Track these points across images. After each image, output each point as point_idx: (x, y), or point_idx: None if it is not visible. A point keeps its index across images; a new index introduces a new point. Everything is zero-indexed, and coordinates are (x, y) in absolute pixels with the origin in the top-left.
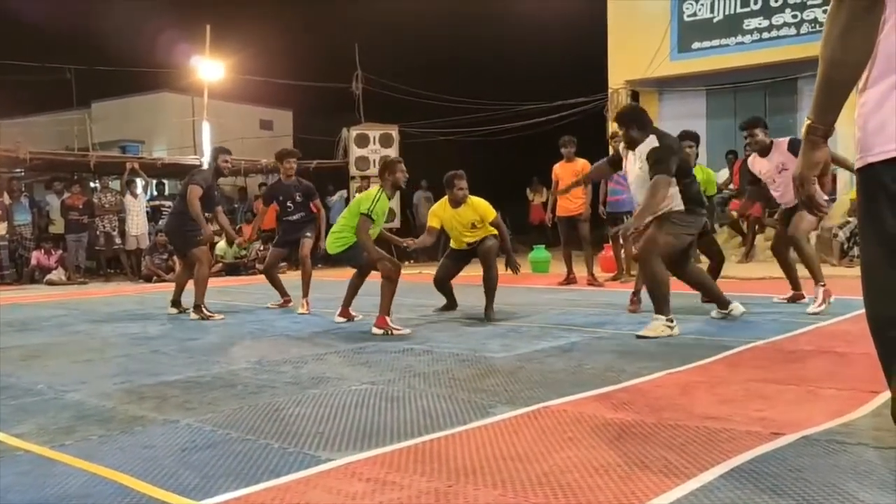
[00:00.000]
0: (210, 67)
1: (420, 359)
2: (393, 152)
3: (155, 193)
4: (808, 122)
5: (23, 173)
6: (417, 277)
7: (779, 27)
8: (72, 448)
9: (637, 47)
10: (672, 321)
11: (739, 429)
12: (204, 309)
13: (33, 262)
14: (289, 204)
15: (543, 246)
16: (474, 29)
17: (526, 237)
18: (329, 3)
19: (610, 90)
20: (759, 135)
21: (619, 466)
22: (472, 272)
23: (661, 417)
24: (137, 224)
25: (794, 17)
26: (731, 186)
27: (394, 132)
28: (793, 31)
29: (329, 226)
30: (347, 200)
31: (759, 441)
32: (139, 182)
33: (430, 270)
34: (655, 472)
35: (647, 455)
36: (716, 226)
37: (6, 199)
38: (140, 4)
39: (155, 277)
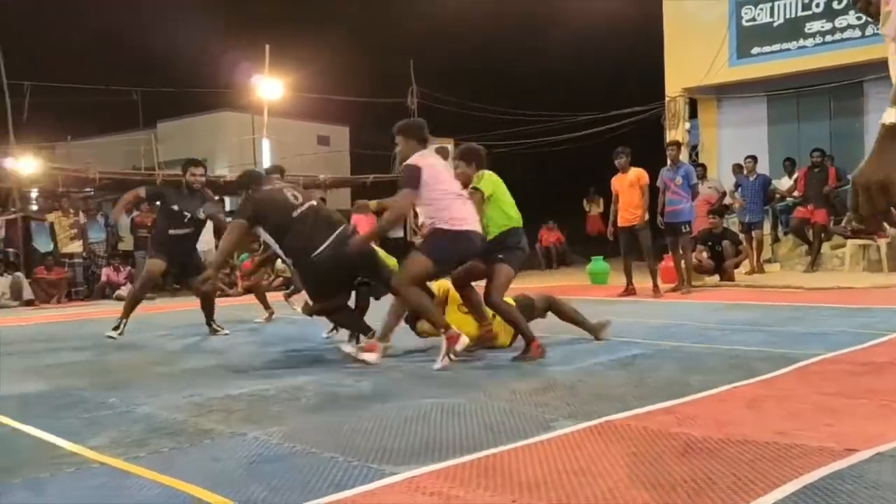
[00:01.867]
0: (269, 86)
1: (479, 372)
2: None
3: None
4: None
5: (92, 192)
6: None
7: (842, 29)
8: (145, 460)
9: (694, 54)
10: None
11: (810, 444)
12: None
13: (104, 278)
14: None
15: (602, 257)
16: (527, 41)
17: (583, 248)
18: (384, 20)
19: (667, 98)
20: None
21: (686, 483)
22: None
23: (728, 432)
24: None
25: (859, 18)
26: (796, 194)
27: (449, 145)
28: (857, 32)
29: (393, 239)
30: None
31: (831, 457)
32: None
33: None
34: (724, 489)
35: (715, 471)
36: (780, 234)
37: (81, 217)
38: (202, 28)
39: (218, 292)
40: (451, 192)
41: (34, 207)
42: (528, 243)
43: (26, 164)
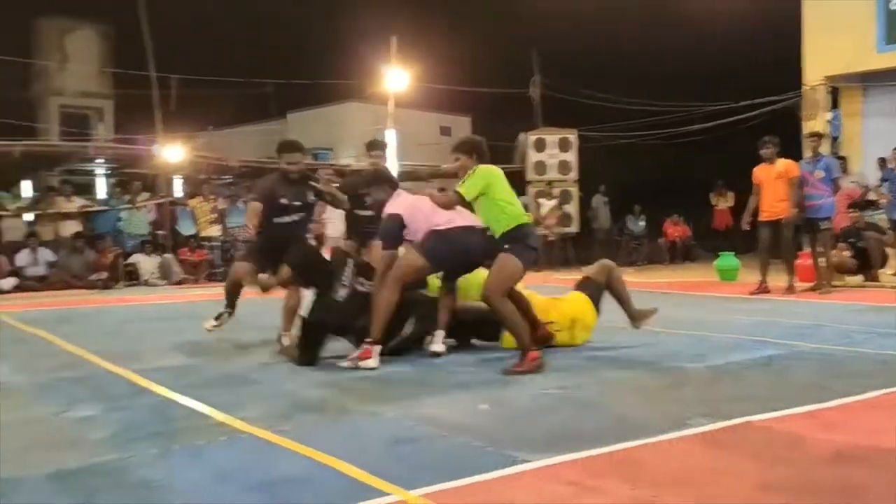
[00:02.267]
0: (396, 77)
1: (609, 365)
2: (571, 157)
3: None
4: None
5: (231, 179)
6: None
7: None
8: (290, 433)
9: (837, 41)
10: None
11: None
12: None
13: None
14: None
15: (732, 253)
16: (654, 30)
17: (710, 243)
18: (508, 10)
19: (805, 87)
20: None
21: (836, 489)
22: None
23: (880, 441)
24: (335, 227)
25: None
26: None
27: (572, 136)
28: None
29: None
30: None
31: None
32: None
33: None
34: (880, 495)
35: (868, 479)
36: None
37: (220, 203)
38: (331, 22)
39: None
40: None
41: (178, 193)
42: (653, 236)
43: (173, 153)
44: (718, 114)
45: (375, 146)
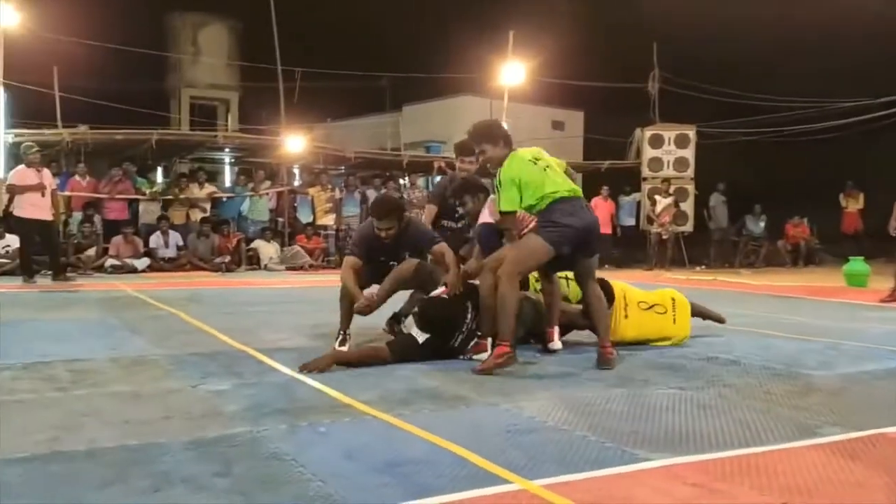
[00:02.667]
0: (512, 72)
1: (727, 369)
2: (688, 153)
3: None
4: None
5: (344, 170)
6: (713, 284)
7: None
8: (411, 418)
9: None
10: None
11: None
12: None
13: None
14: None
15: (862, 258)
16: (779, 24)
17: (837, 248)
18: (628, 3)
19: None
20: None
21: None
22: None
23: None
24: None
25: None
26: None
27: (690, 133)
28: None
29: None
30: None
31: None
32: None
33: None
34: None
35: None
36: None
37: (337, 193)
38: (449, 15)
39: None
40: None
41: (296, 182)
42: (773, 238)
43: (294, 143)
44: (852, 111)
45: (466, 150)
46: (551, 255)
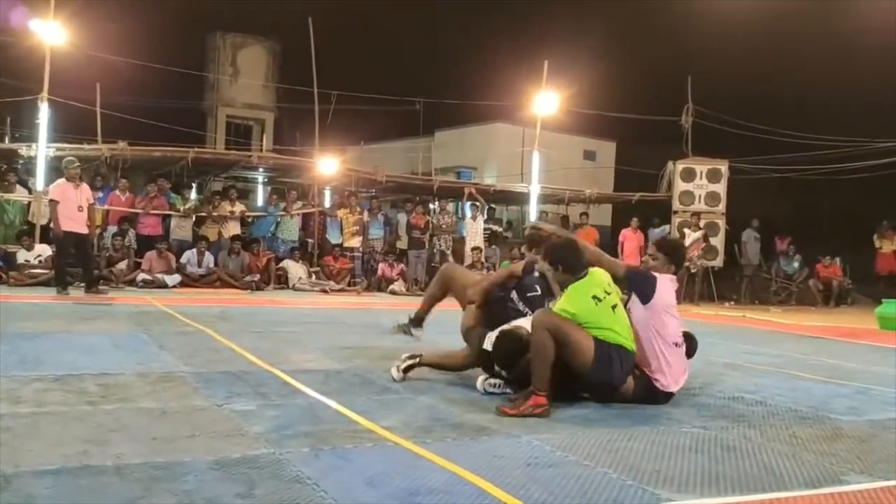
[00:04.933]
0: (546, 101)
1: (753, 409)
2: (720, 188)
3: (486, 217)
4: None
5: (374, 192)
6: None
7: None
8: (432, 446)
9: None
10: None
11: None
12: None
13: (379, 272)
14: None
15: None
16: (814, 61)
17: (871, 289)
18: (663, 35)
19: None
20: None
21: None
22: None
23: None
24: (474, 244)
25: None
26: None
27: (723, 167)
28: None
29: None
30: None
31: None
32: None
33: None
34: None
35: None
36: None
37: (365, 216)
38: (485, 42)
39: None
40: None
41: (327, 204)
42: (806, 277)
43: (327, 165)
44: (888, 151)
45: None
46: (582, 368)
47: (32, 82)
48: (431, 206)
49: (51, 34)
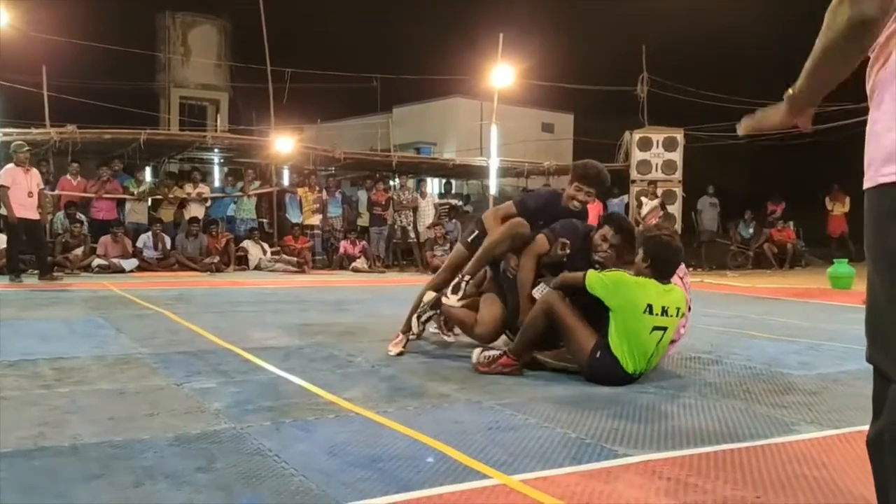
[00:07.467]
0: (501, 74)
1: (709, 368)
2: (677, 156)
3: (442, 192)
4: None
5: (334, 171)
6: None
7: None
8: (394, 415)
9: None
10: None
11: None
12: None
13: (341, 250)
14: None
15: (846, 261)
16: (765, 27)
17: (823, 250)
18: (616, 6)
19: None
20: None
21: None
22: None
23: None
24: (426, 220)
25: None
26: None
27: (678, 135)
28: None
29: None
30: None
31: None
32: (429, 181)
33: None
34: None
35: None
36: None
37: (324, 194)
38: (440, 17)
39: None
40: None
41: (285, 182)
42: (762, 242)
43: (284, 144)
44: (839, 114)
45: (593, 182)
46: (577, 356)
47: None
48: (392, 182)
49: None
